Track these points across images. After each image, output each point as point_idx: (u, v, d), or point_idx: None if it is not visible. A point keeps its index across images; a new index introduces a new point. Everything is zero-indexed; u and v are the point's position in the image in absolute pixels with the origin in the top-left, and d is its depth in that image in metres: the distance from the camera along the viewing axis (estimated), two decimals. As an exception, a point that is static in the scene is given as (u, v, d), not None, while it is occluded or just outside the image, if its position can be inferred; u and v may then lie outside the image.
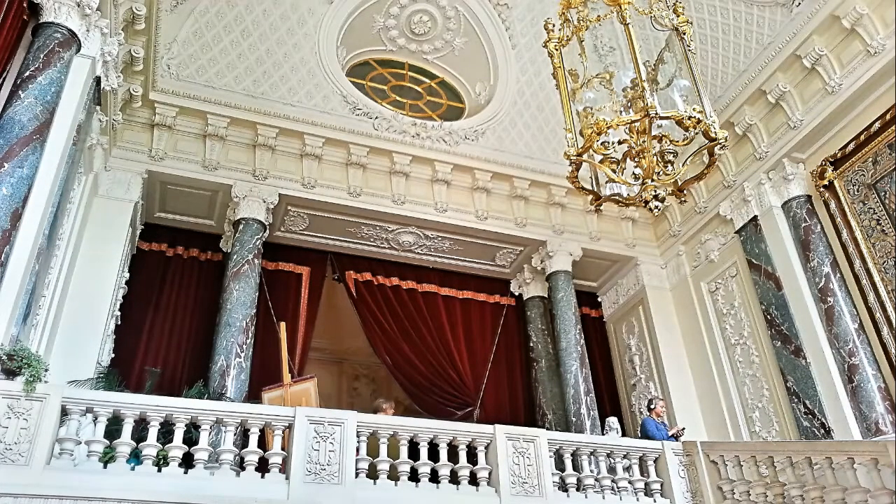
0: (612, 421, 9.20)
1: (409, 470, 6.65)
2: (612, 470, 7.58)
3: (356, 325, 11.07)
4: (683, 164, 4.55)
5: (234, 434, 6.23)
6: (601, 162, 4.50)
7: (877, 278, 8.18)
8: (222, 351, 8.46)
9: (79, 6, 6.77)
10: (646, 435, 8.44)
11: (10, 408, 5.34)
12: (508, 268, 11.88)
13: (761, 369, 9.47)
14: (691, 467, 7.68)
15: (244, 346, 8.60)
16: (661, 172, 4.40)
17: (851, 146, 8.55)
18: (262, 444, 6.32)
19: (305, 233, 10.73)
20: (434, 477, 6.71)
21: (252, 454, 6.12)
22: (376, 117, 10.61)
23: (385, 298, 11.01)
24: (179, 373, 9.14)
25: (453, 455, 6.91)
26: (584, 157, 4.55)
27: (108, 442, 5.70)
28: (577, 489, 7.26)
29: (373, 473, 6.51)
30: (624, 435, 9.36)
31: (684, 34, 4.61)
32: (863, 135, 8.41)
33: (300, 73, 10.41)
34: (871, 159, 8.37)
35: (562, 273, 11.05)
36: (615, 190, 4.76)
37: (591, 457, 7.55)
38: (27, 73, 6.32)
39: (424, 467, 6.68)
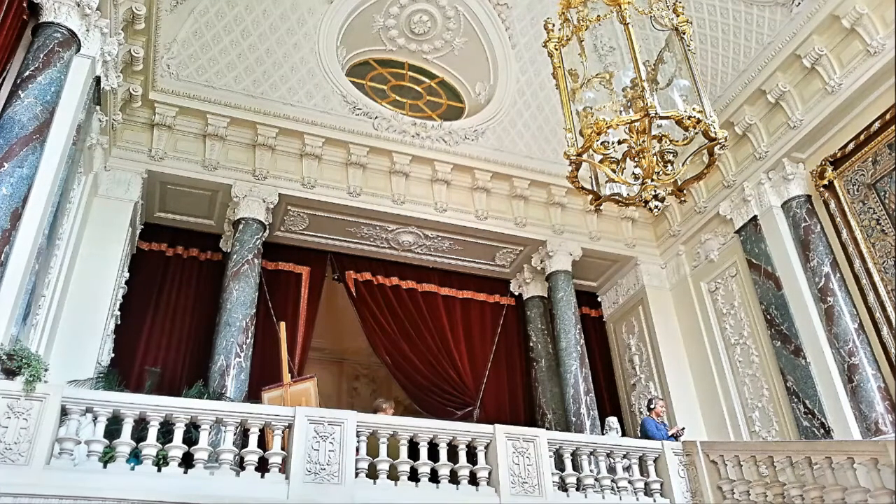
0: (612, 421, 9.20)
1: (408, 470, 6.65)
2: (611, 470, 7.58)
3: (356, 325, 11.06)
4: (683, 164, 4.57)
5: (234, 434, 6.23)
6: (601, 162, 4.51)
7: (877, 278, 8.18)
8: (222, 351, 8.46)
9: (79, 6, 6.77)
10: (646, 435, 8.44)
11: (10, 407, 5.33)
12: (508, 268, 11.88)
13: (761, 369, 9.47)
14: (691, 467, 7.68)
15: (244, 346, 8.61)
16: (660, 172, 4.42)
17: (851, 146, 8.55)
18: (262, 443, 6.32)
19: (305, 233, 10.72)
20: (434, 477, 6.71)
21: (252, 454, 6.12)
22: (376, 117, 10.61)
23: (385, 298, 11.01)
24: (179, 373, 9.14)
25: (453, 455, 6.91)
26: (584, 156, 4.56)
27: (107, 442, 5.70)
28: (577, 489, 7.26)
29: (373, 473, 6.51)
30: (624, 435, 9.36)
31: (684, 34, 4.61)
32: (863, 135, 8.40)
33: (300, 72, 10.42)
34: (870, 159, 8.36)
35: (562, 273, 11.05)
36: (615, 190, 4.77)
37: (591, 457, 7.55)
38: (27, 73, 6.32)
39: (424, 467, 6.68)
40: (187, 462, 5.92)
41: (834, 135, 8.85)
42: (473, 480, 6.84)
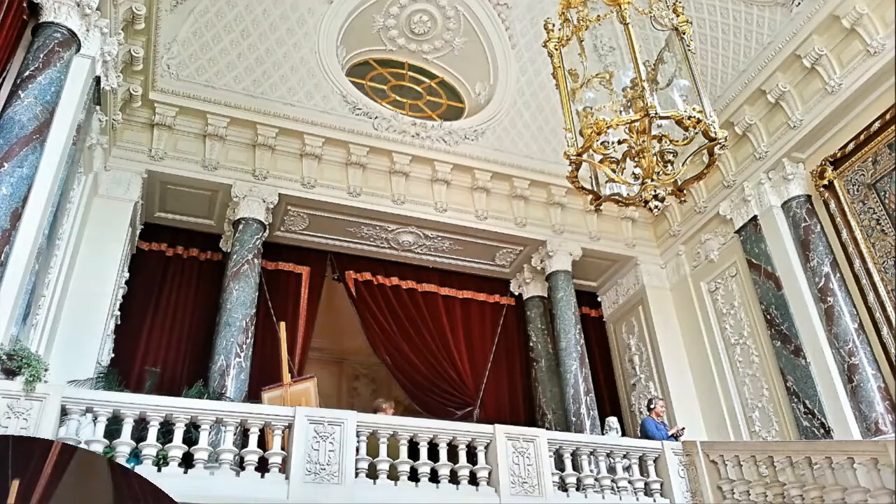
0: (612, 421, 9.20)
1: (408, 470, 6.66)
2: (611, 470, 7.59)
3: (356, 325, 11.06)
4: (683, 164, 4.57)
5: (234, 434, 6.24)
6: (601, 162, 4.51)
7: (877, 278, 8.18)
8: (222, 351, 8.46)
9: (78, 6, 6.77)
10: (646, 435, 8.44)
11: (10, 408, 5.33)
12: (508, 268, 11.87)
13: (761, 369, 9.47)
14: (691, 467, 7.69)
15: (244, 346, 8.60)
16: (660, 172, 4.42)
17: (851, 146, 8.55)
18: (262, 443, 6.32)
19: (305, 233, 10.72)
20: (434, 477, 6.72)
21: (252, 454, 6.13)
22: (376, 117, 10.61)
23: (385, 298, 11.00)
24: (179, 373, 9.13)
25: (453, 455, 6.92)
26: (584, 156, 4.56)
27: (107, 442, 5.71)
28: (577, 489, 7.27)
29: (372, 473, 6.51)
30: (624, 435, 9.36)
31: (684, 34, 4.62)
32: (862, 134, 8.40)
33: (300, 72, 10.41)
34: (870, 159, 8.36)
35: (561, 273, 11.05)
36: (615, 190, 4.77)
37: (591, 456, 7.56)
38: (27, 73, 6.32)
39: (424, 467, 6.69)
40: (187, 462, 5.93)
41: (834, 135, 8.85)
42: (473, 480, 6.84)
